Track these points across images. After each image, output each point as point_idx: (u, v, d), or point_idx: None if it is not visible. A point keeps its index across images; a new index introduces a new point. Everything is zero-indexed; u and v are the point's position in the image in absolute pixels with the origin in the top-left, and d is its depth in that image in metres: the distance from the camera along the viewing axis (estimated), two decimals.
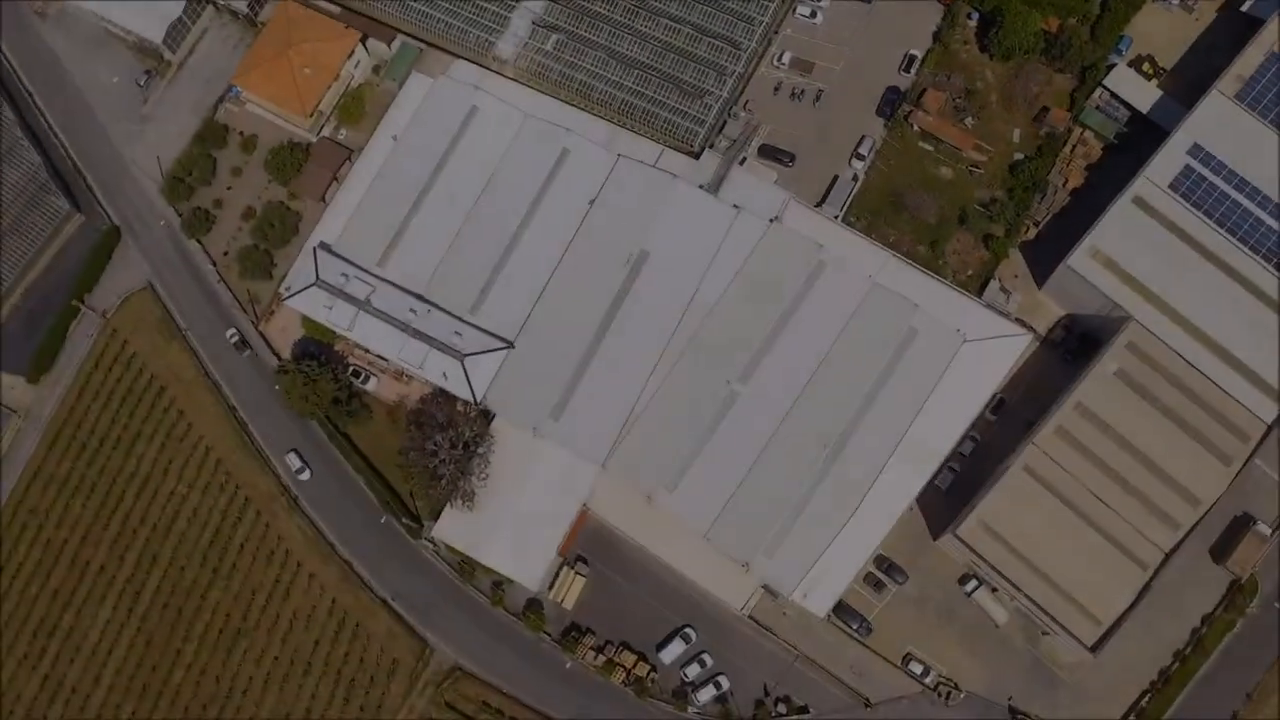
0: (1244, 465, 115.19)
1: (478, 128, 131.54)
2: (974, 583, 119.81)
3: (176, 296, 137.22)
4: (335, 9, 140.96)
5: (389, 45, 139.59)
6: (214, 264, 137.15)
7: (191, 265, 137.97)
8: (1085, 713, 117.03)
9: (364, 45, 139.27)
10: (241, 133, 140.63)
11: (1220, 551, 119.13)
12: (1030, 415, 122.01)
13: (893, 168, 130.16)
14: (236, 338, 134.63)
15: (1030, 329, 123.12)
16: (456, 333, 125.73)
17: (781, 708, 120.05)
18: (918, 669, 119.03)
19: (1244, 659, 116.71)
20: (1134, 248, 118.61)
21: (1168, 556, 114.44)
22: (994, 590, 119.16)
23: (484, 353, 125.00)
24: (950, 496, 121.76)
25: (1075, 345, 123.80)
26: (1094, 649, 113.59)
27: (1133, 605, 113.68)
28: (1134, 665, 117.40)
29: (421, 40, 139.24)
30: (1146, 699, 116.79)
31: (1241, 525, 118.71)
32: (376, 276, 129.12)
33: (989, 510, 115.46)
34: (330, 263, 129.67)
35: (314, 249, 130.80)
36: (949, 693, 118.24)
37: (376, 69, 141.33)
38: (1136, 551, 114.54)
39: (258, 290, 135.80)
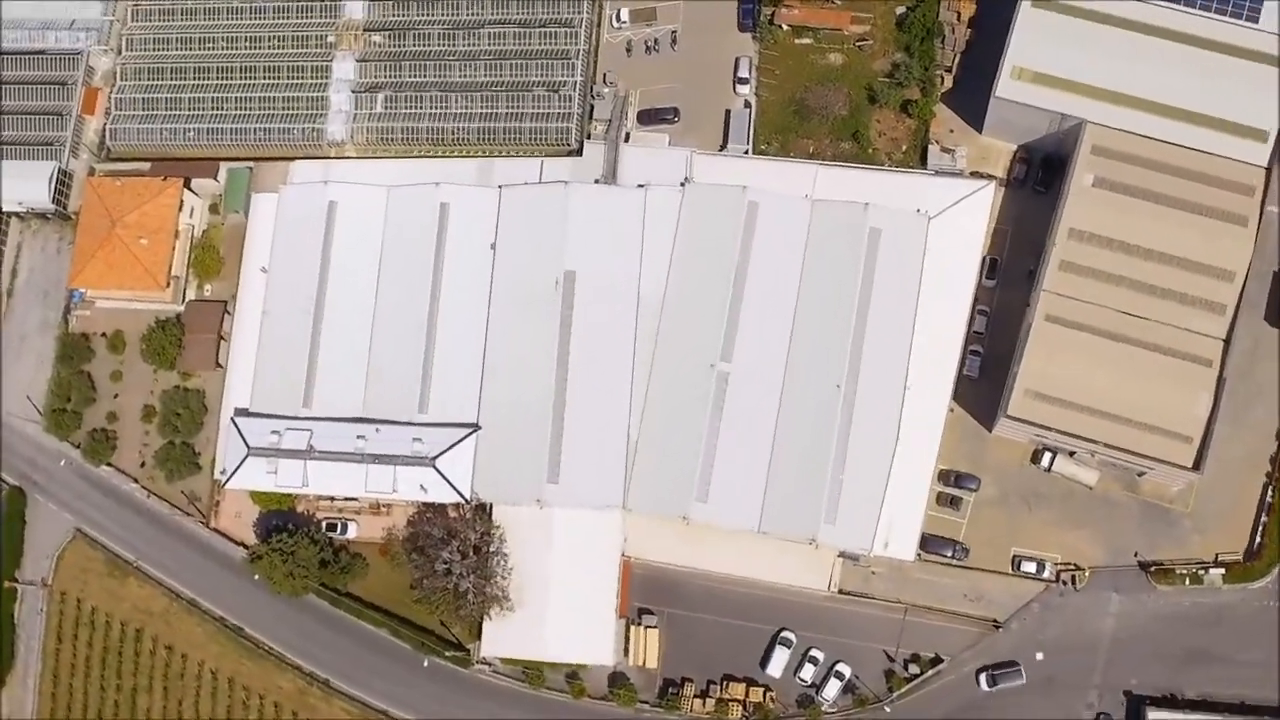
0: (1260, 218, 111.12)
1: (344, 223, 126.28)
2: (1048, 455, 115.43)
3: (112, 531, 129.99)
4: (145, 166, 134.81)
5: (215, 178, 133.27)
6: (135, 480, 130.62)
7: (113, 492, 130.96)
8: (1215, 534, 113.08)
9: (190, 190, 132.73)
10: (104, 334, 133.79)
11: (1275, 314, 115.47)
12: (1029, 265, 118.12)
13: (780, 77, 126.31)
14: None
15: (989, 177, 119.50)
16: (415, 439, 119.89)
17: (913, 668, 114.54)
18: (1032, 568, 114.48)
19: None
20: (1055, 50, 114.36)
21: (1227, 343, 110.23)
22: (1072, 454, 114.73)
23: (452, 447, 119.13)
24: (985, 380, 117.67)
25: (1040, 175, 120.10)
26: (1196, 467, 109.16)
27: (1215, 407, 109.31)
28: (1243, 465, 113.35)
29: (246, 159, 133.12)
30: (1271, 492, 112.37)
31: None
32: (308, 420, 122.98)
33: (1029, 375, 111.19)
34: (255, 426, 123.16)
35: (232, 420, 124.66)
36: (1073, 577, 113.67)
37: (214, 208, 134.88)
38: (1195, 351, 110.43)
39: (193, 487, 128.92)
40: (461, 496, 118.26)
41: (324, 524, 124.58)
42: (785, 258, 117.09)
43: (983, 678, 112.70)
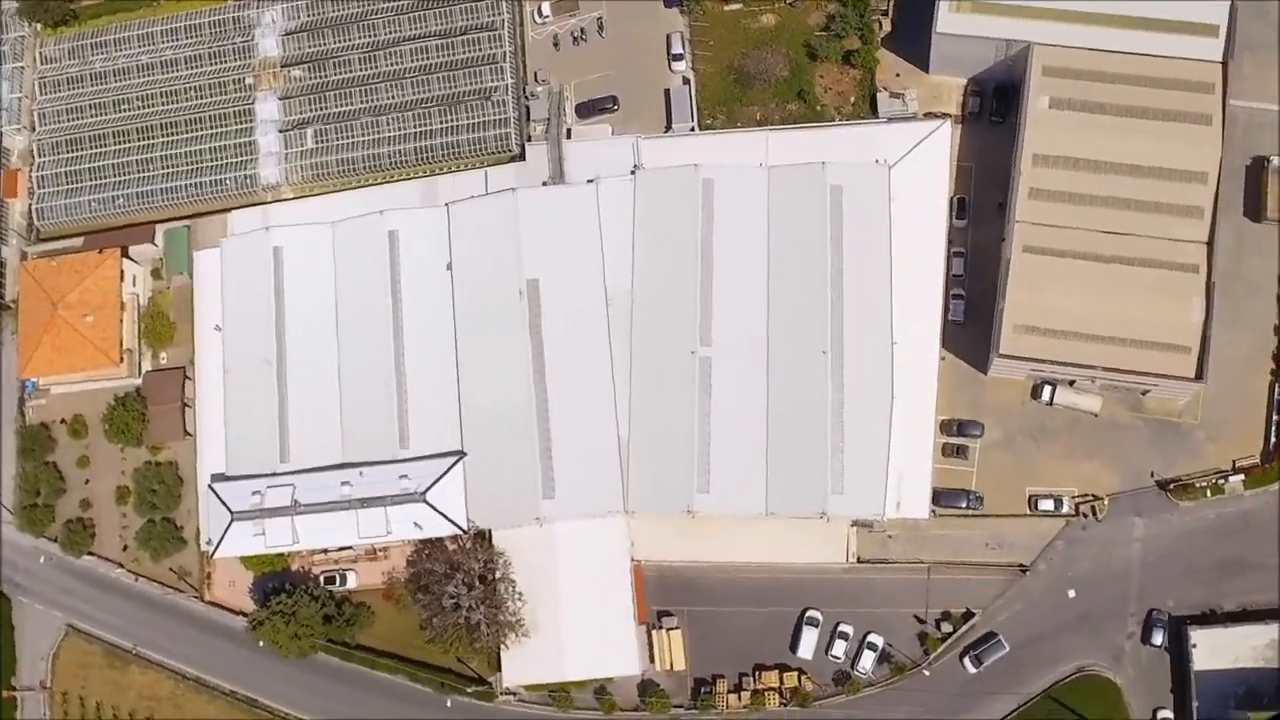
0: (1224, 114, 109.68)
1: (293, 267, 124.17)
2: (1048, 389, 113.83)
3: (105, 621, 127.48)
4: (78, 241, 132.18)
5: (153, 242, 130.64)
6: (120, 565, 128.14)
7: (99, 581, 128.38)
8: (1229, 441, 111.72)
9: (128, 258, 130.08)
10: (63, 420, 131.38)
11: (1254, 208, 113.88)
12: (997, 198, 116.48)
13: (715, 48, 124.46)
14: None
15: (943, 116, 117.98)
16: (402, 476, 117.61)
17: (946, 627, 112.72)
18: (1049, 505, 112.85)
19: None
20: None
21: (1211, 245, 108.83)
22: (1071, 384, 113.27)
23: (440, 479, 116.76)
24: (972, 323, 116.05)
25: (995, 105, 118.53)
26: (1199, 376, 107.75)
27: (1208, 312, 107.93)
28: (1246, 366, 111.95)
29: (182, 218, 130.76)
30: (1279, 390, 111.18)
31: (1258, 171, 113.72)
32: (288, 474, 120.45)
33: (1016, 310, 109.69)
34: (235, 490, 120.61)
35: (210, 488, 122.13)
36: (1093, 508, 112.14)
37: (156, 272, 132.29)
38: (1179, 259, 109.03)
39: (181, 562, 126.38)
40: (458, 527, 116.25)
41: (322, 578, 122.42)
42: (749, 231, 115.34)
43: (967, 661, 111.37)
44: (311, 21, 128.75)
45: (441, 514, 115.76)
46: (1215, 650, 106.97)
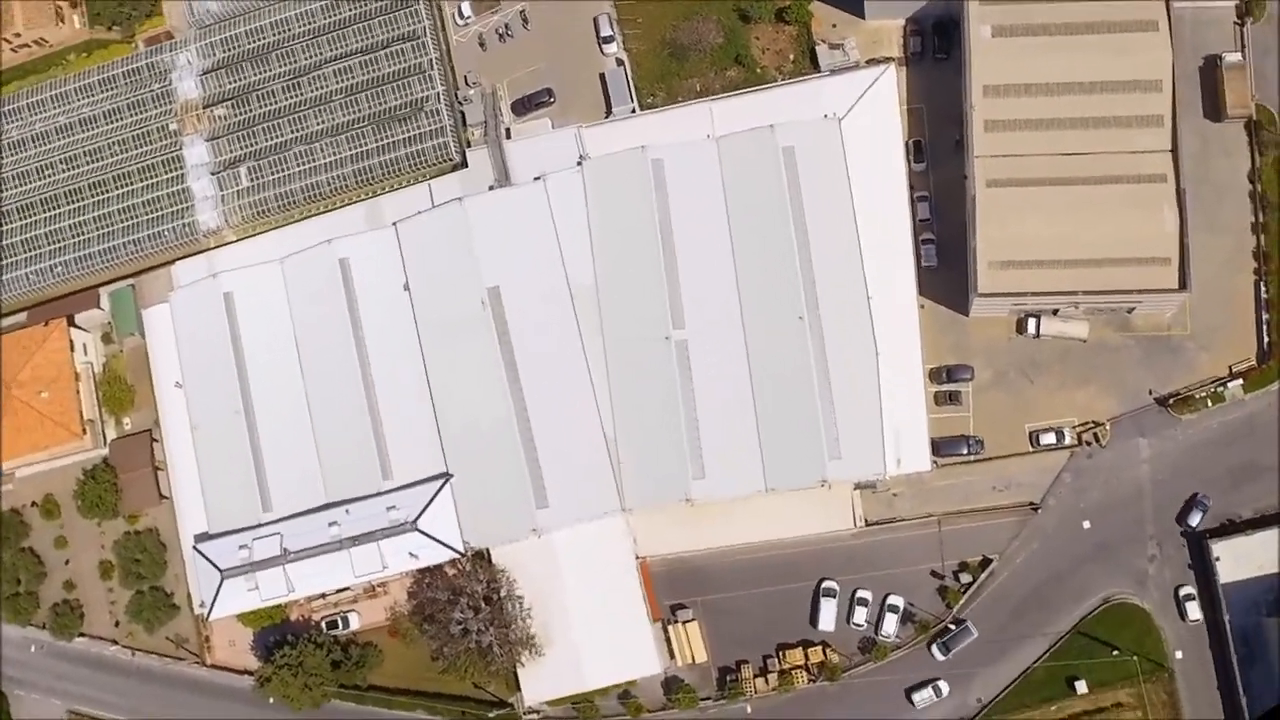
0: (1169, 18, 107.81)
1: (247, 311, 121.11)
2: (1032, 321, 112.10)
3: (107, 702, 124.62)
4: (21, 316, 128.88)
5: (99, 306, 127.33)
6: (114, 642, 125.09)
7: (96, 662, 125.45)
8: (1222, 347, 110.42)
9: (76, 326, 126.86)
10: (34, 503, 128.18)
11: (1212, 108, 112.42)
12: (953, 136, 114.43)
13: (645, 25, 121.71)
14: None
15: (886, 60, 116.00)
16: (390, 508, 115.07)
17: (965, 577, 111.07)
18: (1051, 439, 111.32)
19: None
20: None
21: (1175, 152, 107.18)
22: (1055, 313, 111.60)
23: (429, 505, 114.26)
24: (946, 267, 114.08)
25: (937, 42, 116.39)
26: (1183, 286, 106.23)
27: (1183, 220, 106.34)
28: (1228, 269, 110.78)
29: (125, 277, 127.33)
30: (1265, 287, 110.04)
31: (1212, 70, 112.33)
32: (273, 523, 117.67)
33: (988, 246, 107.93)
34: (220, 548, 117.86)
35: (195, 549, 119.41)
36: (1095, 435, 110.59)
37: (106, 337, 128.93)
38: (1145, 170, 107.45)
39: (177, 630, 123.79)
40: (455, 551, 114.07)
41: (324, 624, 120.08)
42: (706, 205, 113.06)
43: (935, 649, 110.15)
44: (228, 57, 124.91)
45: (436, 540, 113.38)
46: (1238, 560, 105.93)
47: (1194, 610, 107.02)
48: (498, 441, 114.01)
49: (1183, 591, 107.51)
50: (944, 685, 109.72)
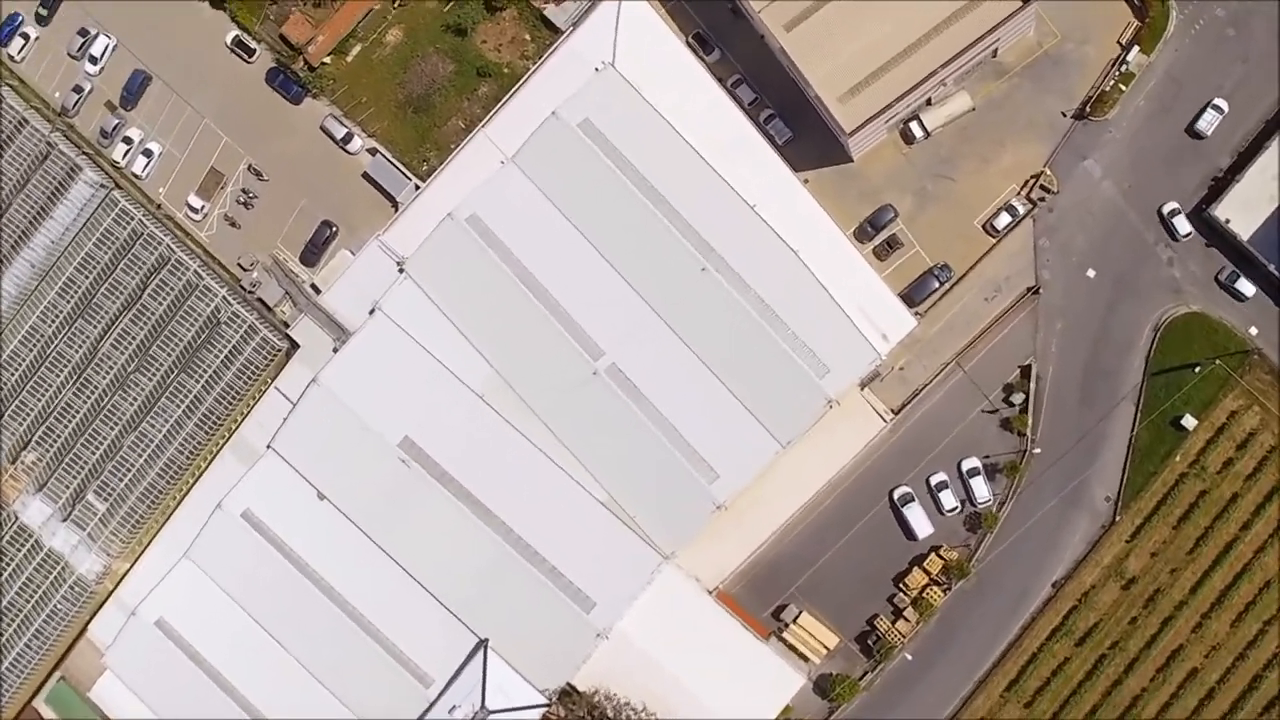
0: None
1: (188, 625, 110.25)
2: (915, 125, 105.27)
3: None
4: None
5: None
6: None
7: None
8: (1097, 31, 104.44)
9: None
10: None
11: None
12: (724, 7, 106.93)
13: (371, 100, 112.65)
14: None
15: None
16: (451, 709, 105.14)
17: (1018, 397, 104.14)
18: (1005, 219, 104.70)
19: None
20: None
21: None
22: (929, 103, 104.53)
23: (484, 681, 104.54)
24: (802, 131, 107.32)
25: None
26: None
27: None
28: None
29: (48, 678, 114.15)
30: None
31: None
32: None
33: (825, 84, 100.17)
34: None
35: None
36: (1042, 187, 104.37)
37: None
38: None
39: None
40: (540, 705, 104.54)
41: None
42: (545, 226, 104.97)
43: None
44: (2, 399, 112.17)
45: (516, 709, 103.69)
46: (1247, 208, 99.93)
47: (1243, 285, 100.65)
48: (506, 579, 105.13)
49: (1221, 275, 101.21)
50: None
